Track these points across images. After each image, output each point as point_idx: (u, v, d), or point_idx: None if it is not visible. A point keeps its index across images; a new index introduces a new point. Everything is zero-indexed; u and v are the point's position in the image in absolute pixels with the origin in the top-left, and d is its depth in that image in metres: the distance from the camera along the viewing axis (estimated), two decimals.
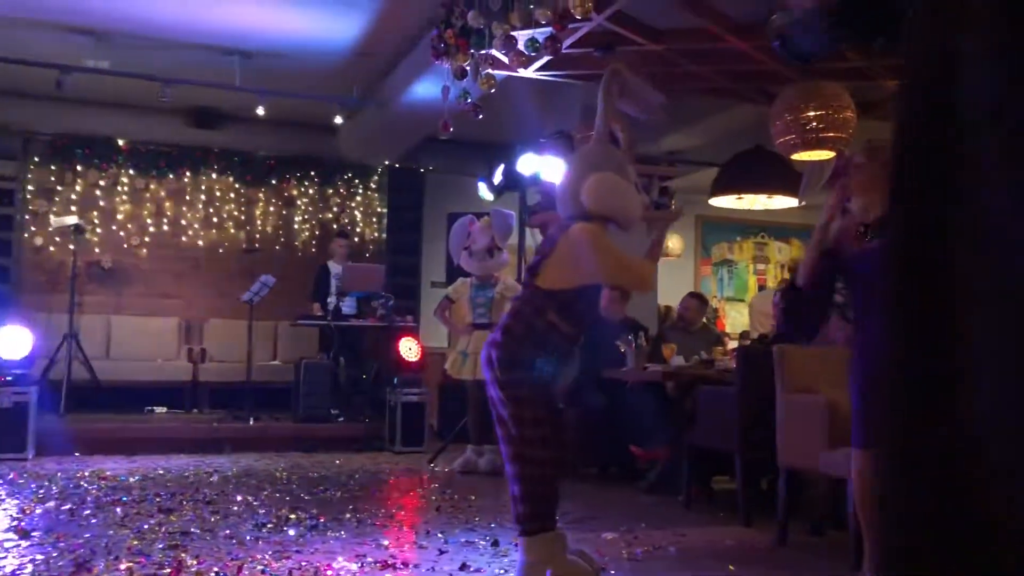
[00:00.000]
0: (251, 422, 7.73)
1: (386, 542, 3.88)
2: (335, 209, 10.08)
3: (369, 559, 3.57)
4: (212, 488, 5.33)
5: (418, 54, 7.05)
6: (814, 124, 4.21)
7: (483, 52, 4.79)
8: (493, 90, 4.87)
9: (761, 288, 11.75)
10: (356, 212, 10.16)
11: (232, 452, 7.18)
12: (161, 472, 6.02)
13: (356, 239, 9.84)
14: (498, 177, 7.31)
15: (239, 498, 4.98)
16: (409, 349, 7.94)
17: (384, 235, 10.21)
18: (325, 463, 6.66)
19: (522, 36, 4.37)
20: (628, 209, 3.28)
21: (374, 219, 10.25)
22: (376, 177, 10.21)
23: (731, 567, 3.55)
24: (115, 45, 7.24)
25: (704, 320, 6.94)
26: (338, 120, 8.19)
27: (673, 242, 10.07)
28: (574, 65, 5.83)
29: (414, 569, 3.46)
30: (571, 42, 5.05)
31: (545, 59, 5.10)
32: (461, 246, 6.60)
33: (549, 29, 4.27)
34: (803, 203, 7.09)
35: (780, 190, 7.36)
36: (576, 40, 5.08)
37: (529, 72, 5.59)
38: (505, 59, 5.09)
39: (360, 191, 10.19)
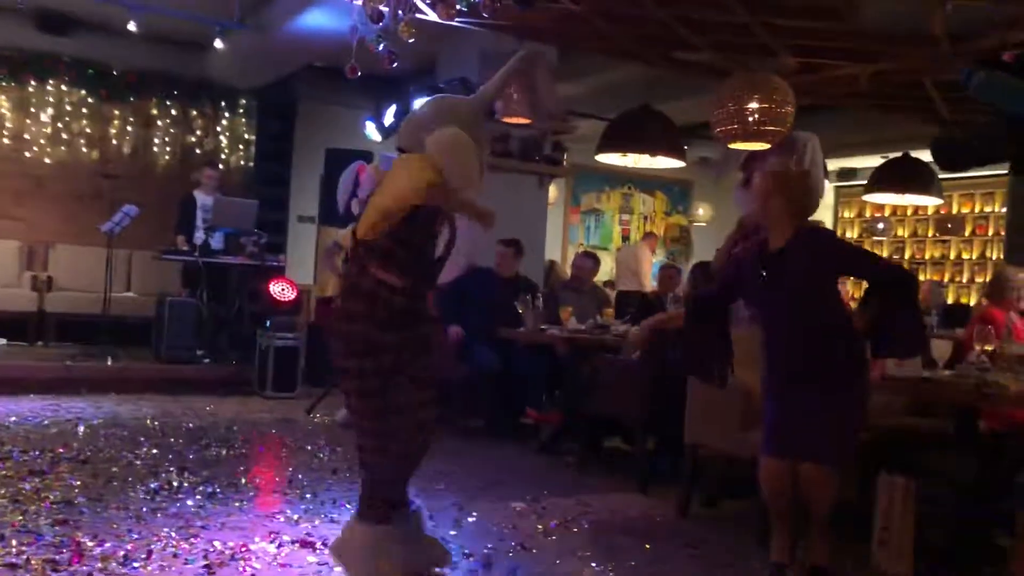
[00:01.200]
0: (109, 361, 7.23)
1: (296, 516, 3.74)
2: (199, 133, 9.43)
3: (285, 537, 3.42)
4: (81, 442, 4.96)
5: None
6: (756, 116, 4.26)
7: None
8: (412, 40, 4.62)
9: (624, 239, 12.05)
10: (221, 138, 9.55)
11: (88, 393, 6.70)
12: (15, 420, 5.54)
13: (221, 167, 9.27)
14: (390, 118, 7.04)
15: (117, 455, 4.65)
16: (283, 290, 7.62)
17: (251, 164, 9.67)
18: (196, 410, 6.33)
19: None
20: (464, 179, 2.97)
21: (240, 147, 9.68)
22: (244, 102, 9.61)
23: (647, 546, 3.65)
24: None
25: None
26: (217, 44, 7.59)
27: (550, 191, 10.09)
28: (479, 12, 5.63)
29: None
30: None
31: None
32: (350, 193, 6.32)
33: None
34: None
35: (664, 151, 7.46)
36: None
37: (441, 19, 5.35)
38: (423, 5, 4.83)
39: (227, 116, 9.57)
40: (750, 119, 4.29)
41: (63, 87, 8.77)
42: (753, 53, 5.49)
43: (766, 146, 4.09)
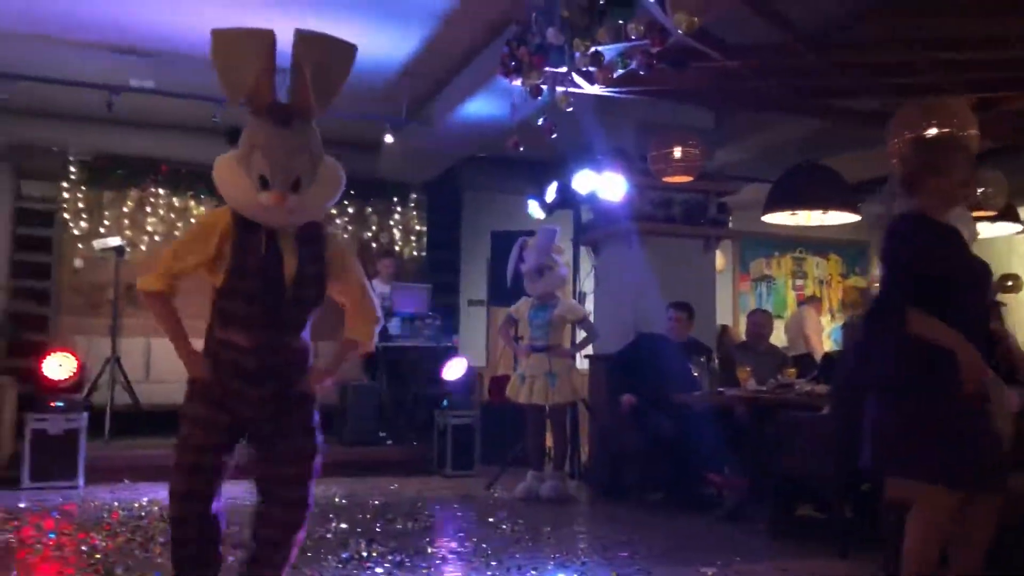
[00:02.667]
0: None
1: None
2: (374, 228, 9.96)
3: None
4: None
5: (470, 73, 6.96)
6: None
7: (560, 70, 4.67)
8: (570, 108, 4.74)
9: (800, 304, 11.61)
10: (395, 231, 10.05)
11: None
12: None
13: (396, 257, 9.72)
14: (551, 195, 7.18)
15: (310, 530, 4.82)
16: (457, 370, 7.80)
17: (423, 253, 10.09)
18: (381, 488, 6.51)
19: (609, 52, 4.25)
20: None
21: (413, 238, 10.13)
22: (415, 195, 10.10)
23: None
24: (161, 65, 7.14)
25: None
26: (388, 139, 8.07)
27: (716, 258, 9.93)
28: (635, 81, 5.71)
29: None
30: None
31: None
32: (515, 266, 6.47)
33: (638, 44, 4.14)
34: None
35: (836, 206, 7.20)
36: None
37: (596, 89, 5.47)
38: (580, 78, 4.96)
39: (399, 209, 10.08)
40: None
41: None
42: (921, 93, 5.27)
43: None
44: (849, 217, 7.40)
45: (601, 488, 6.44)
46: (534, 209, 7.40)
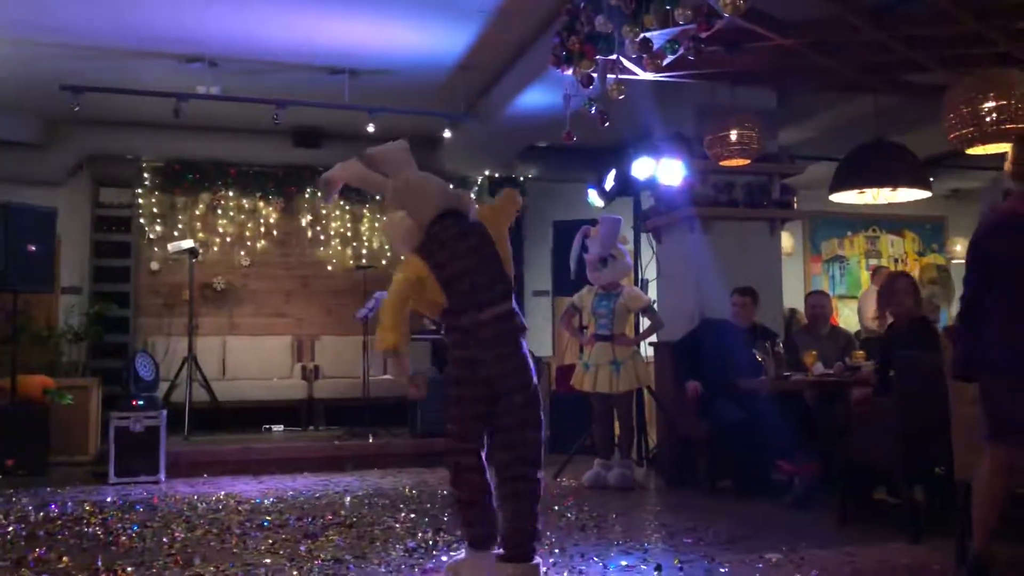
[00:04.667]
0: (370, 439, 7.74)
1: (545, 569, 3.76)
2: None
3: None
4: (347, 510, 5.31)
5: (524, 65, 6.98)
6: (993, 116, 3.94)
7: (610, 57, 4.65)
8: (622, 97, 4.72)
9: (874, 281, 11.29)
10: None
11: (354, 469, 7.19)
12: (292, 493, 6.04)
13: None
14: (610, 182, 7.15)
15: (379, 519, 4.94)
16: None
17: None
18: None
19: (657, 38, 4.22)
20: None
21: None
22: (476, 188, 10.17)
23: None
24: (226, 71, 7.33)
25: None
26: (447, 134, 8.15)
27: (784, 240, 9.75)
28: (691, 64, 5.65)
29: None
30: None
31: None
32: (578, 255, 6.47)
33: (686, 28, 4.10)
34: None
35: (906, 182, 7.01)
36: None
37: (648, 75, 5.43)
38: (631, 64, 4.94)
39: None
40: (987, 119, 3.95)
41: (319, 194, 9.69)
42: (988, 64, 5.08)
43: (1007, 147, 3.72)
44: (920, 194, 7.20)
45: (669, 476, 6.41)
46: (593, 198, 7.38)
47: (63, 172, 9.04)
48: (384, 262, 9.79)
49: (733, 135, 5.84)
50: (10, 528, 4.79)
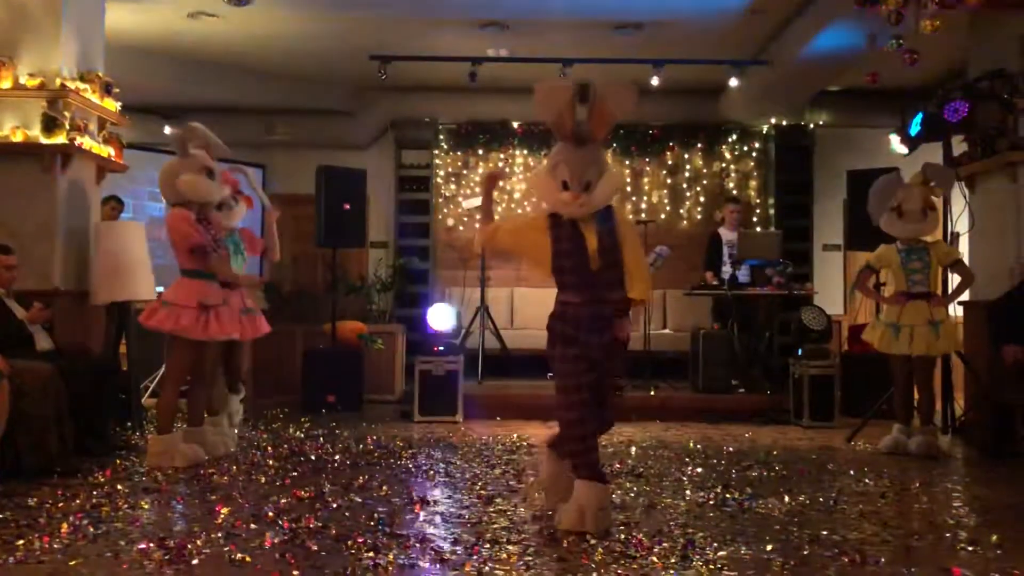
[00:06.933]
0: (652, 392, 7.81)
1: (854, 535, 3.63)
2: (720, 173, 9.86)
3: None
4: (634, 460, 5.42)
5: (822, 3, 6.58)
6: None
7: None
8: (936, 32, 4.31)
9: None
10: (741, 175, 9.85)
11: (637, 420, 7.30)
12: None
13: (742, 203, 9.53)
14: (916, 127, 6.58)
15: (666, 471, 5.01)
16: (813, 318, 7.51)
17: (771, 198, 9.79)
18: (734, 436, 6.52)
19: None
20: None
21: (758, 182, 9.87)
22: (762, 138, 9.81)
23: None
24: (515, 33, 7.60)
25: None
26: (733, 82, 7.91)
27: None
28: None
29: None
30: None
31: None
32: (886, 206, 5.96)
33: None
34: None
35: None
36: None
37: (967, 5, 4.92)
38: None
39: (745, 154, 9.86)
40: None
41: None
42: None
43: None
44: None
45: (982, 446, 5.90)
46: (896, 144, 6.85)
47: (370, 137, 9.91)
48: (663, 215, 9.76)
49: None
50: (336, 457, 5.39)
